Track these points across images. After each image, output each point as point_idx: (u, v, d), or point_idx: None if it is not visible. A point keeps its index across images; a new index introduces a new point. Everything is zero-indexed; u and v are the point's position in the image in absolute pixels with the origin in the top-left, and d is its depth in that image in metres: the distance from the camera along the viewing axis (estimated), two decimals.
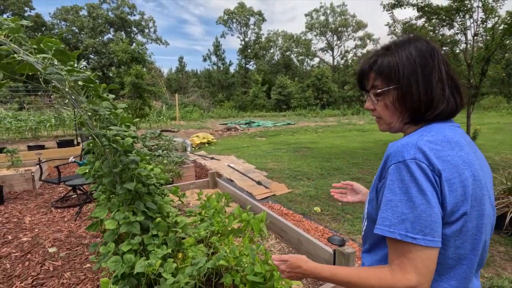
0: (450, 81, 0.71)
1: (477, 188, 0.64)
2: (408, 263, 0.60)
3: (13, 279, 2.47)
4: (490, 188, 0.72)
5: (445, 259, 0.65)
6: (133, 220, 1.59)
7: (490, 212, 0.69)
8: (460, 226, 0.63)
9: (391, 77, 0.71)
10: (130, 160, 1.58)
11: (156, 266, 1.44)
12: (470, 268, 0.68)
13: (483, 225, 0.66)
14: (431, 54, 0.70)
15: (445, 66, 0.71)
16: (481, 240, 0.67)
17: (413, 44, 0.71)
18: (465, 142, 0.68)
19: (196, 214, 2.42)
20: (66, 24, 35.34)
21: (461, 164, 0.63)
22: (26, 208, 4.13)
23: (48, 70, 1.30)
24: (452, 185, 0.61)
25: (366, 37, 40.88)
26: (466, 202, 0.62)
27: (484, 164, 0.73)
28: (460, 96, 0.72)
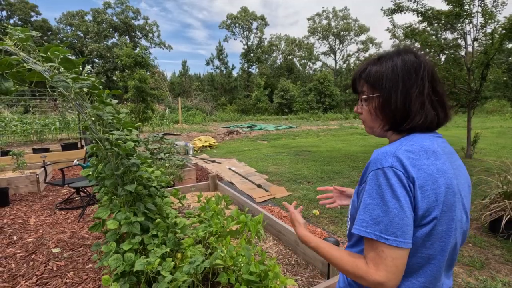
0: (434, 96, 0.75)
1: (449, 195, 0.68)
2: (380, 261, 0.66)
3: (18, 278, 2.55)
4: (465, 195, 0.75)
5: (415, 258, 0.70)
6: (133, 220, 1.66)
7: (462, 217, 0.73)
8: (430, 229, 0.67)
9: (376, 85, 0.77)
10: (131, 163, 1.66)
11: (155, 265, 1.51)
12: (438, 267, 0.72)
13: (452, 229, 0.70)
14: (416, 68, 0.74)
15: (431, 82, 0.74)
16: (450, 243, 0.71)
17: (401, 56, 0.76)
18: (443, 152, 0.72)
19: (196, 216, 2.49)
20: (72, 28, 35.86)
21: (435, 173, 0.67)
22: (31, 209, 4.23)
23: (55, 78, 1.39)
24: (425, 192, 0.66)
25: (368, 41, 41.01)
26: (437, 207, 0.67)
27: (461, 173, 0.77)
28: (444, 111, 0.76)
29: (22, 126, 11.85)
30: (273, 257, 2.07)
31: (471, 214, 3.58)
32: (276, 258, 2.54)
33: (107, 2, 37.47)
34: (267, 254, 2.61)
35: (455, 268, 2.53)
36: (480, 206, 3.33)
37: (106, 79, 35.34)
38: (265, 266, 1.80)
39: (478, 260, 2.64)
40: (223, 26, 39.95)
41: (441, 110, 0.75)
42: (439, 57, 8.88)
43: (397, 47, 0.81)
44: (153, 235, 1.77)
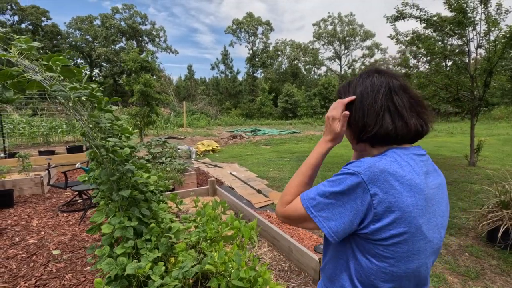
0: (394, 108, 0.76)
1: (417, 216, 0.68)
2: (294, 211, 0.77)
3: (18, 279, 2.61)
4: (440, 215, 0.75)
5: (380, 273, 0.71)
6: (127, 225, 1.71)
7: (432, 237, 0.73)
8: (392, 244, 0.68)
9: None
10: (126, 169, 1.71)
11: (146, 269, 1.55)
12: (402, 283, 0.73)
13: (420, 249, 0.70)
14: (374, 85, 0.79)
15: (390, 95, 0.77)
16: (417, 263, 0.72)
17: (370, 78, 0.81)
18: (416, 171, 0.72)
19: (191, 221, 2.53)
20: (81, 33, 36.57)
21: (404, 191, 0.67)
22: (35, 211, 4.32)
23: (54, 88, 1.46)
24: (385, 207, 0.66)
25: (374, 46, 40.99)
26: (399, 225, 0.67)
27: (438, 192, 0.76)
28: (403, 122, 0.75)
29: (30, 128, 12.10)
30: (266, 263, 2.09)
31: (469, 223, 3.56)
32: (270, 264, 2.57)
33: (115, 7, 38.21)
34: (261, 260, 2.64)
35: (449, 278, 2.52)
36: (478, 215, 3.31)
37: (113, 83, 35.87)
38: (255, 272, 1.83)
39: (474, 270, 2.62)
40: (228, 31, 40.34)
41: (399, 120, 0.75)
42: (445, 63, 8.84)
43: (368, 69, 0.86)
44: (147, 239, 1.81)
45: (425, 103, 0.81)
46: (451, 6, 6.61)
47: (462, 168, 6.82)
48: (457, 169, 6.78)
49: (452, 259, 2.83)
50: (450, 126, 19.86)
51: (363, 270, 0.73)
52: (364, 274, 0.73)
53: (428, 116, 0.79)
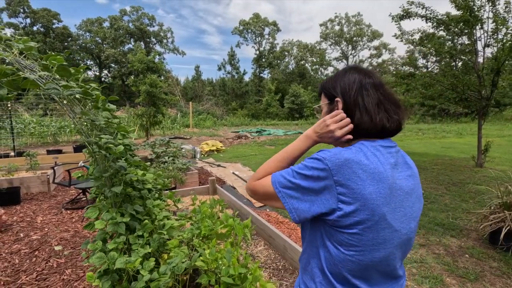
0: (362, 104, 0.80)
1: (380, 204, 0.69)
2: (262, 187, 0.82)
3: (20, 273, 2.68)
4: (409, 206, 0.76)
5: (347, 262, 0.73)
6: (119, 221, 1.74)
7: (399, 227, 0.74)
8: (356, 233, 0.70)
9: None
10: (118, 166, 1.74)
11: (136, 264, 1.58)
12: (368, 271, 0.75)
13: (386, 238, 0.72)
14: (352, 84, 0.83)
15: (363, 95, 0.81)
16: (383, 252, 0.73)
17: (347, 74, 0.86)
18: (381, 161, 0.74)
19: (186, 218, 2.55)
20: (90, 35, 37.24)
21: (367, 179, 0.69)
22: (40, 208, 4.42)
23: (47, 86, 1.50)
24: (347, 194, 0.69)
25: (381, 46, 40.54)
26: (362, 213, 0.69)
27: (407, 183, 0.77)
28: (371, 119, 0.79)
29: (40, 128, 12.39)
30: (258, 261, 2.10)
31: (471, 224, 3.49)
32: (265, 263, 2.57)
33: (123, 9, 38.78)
34: (256, 258, 2.65)
35: (447, 279, 2.48)
36: (480, 216, 3.25)
37: (121, 83, 36.40)
38: (246, 269, 1.84)
39: (473, 272, 2.58)
40: (235, 32, 40.49)
41: (366, 115, 0.79)
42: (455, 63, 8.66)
43: (344, 67, 0.92)
44: (139, 235, 1.84)
45: (397, 101, 0.84)
46: (457, 4, 6.50)
47: (468, 169, 6.69)
48: (463, 170, 6.66)
49: (452, 260, 2.78)
50: (460, 127, 19.49)
51: (332, 258, 0.75)
52: (333, 262, 0.75)
53: (397, 114, 0.81)
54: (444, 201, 4.49)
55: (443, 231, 3.40)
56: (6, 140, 9.15)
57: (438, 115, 25.53)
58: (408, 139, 14.05)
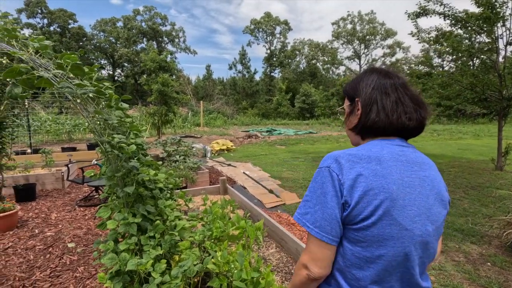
0: (381, 104, 0.82)
1: (387, 201, 0.70)
2: (306, 247, 0.79)
3: (34, 269, 2.72)
4: (424, 206, 0.75)
5: (353, 258, 0.74)
6: (131, 221, 1.73)
7: (411, 227, 0.72)
8: (363, 229, 0.71)
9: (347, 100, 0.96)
10: (130, 166, 1.72)
11: (147, 265, 1.55)
12: (381, 274, 0.73)
13: (392, 235, 0.70)
14: (370, 84, 0.86)
15: (382, 95, 0.82)
16: (392, 250, 0.71)
17: (366, 76, 0.89)
18: (393, 159, 0.75)
19: (198, 219, 2.53)
20: (104, 35, 37.97)
21: (372, 177, 0.71)
22: (54, 205, 4.50)
23: (61, 84, 1.49)
24: (355, 193, 0.71)
25: (395, 45, 39.70)
26: (368, 209, 0.70)
27: (421, 183, 0.76)
28: (388, 118, 0.80)
29: (55, 126, 12.69)
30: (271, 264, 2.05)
31: (492, 231, 3.33)
32: (276, 266, 2.52)
33: (137, 9, 39.34)
34: (268, 261, 2.59)
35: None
36: (503, 223, 3.10)
37: (134, 82, 36.97)
38: (258, 274, 1.80)
39: (496, 282, 2.45)
40: (246, 31, 40.47)
41: (383, 113, 0.81)
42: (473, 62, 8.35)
43: (365, 69, 0.95)
44: (150, 236, 1.82)
45: (420, 100, 0.85)
46: (478, 1, 6.25)
47: (487, 173, 6.44)
48: (482, 173, 6.41)
49: (473, 268, 2.66)
50: (477, 128, 18.88)
51: (340, 256, 0.77)
52: (342, 260, 0.76)
53: (419, 113, 0.82)
54: (463, 205, 4.32)
55: (462, 237, 3.26)
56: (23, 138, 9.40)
57: (454, 115, 24.80)
58: (423, 140, 13.70)
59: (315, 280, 0.77)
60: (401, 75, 0.89)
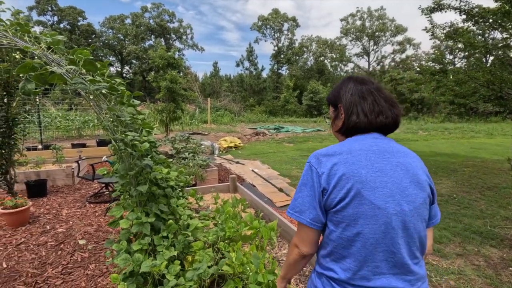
0: (360, 108, 0.95)
1: (357, 183, 0.81)
2: (296, 230, 0.95)
3: (46, 266, 2.72)
4: (398, 188, 0.83)
5: (338, 239, 0.84)
6: (144, 221, 1.68)
7: (384, 206, 0.80)
8: (340, 210, 0.82)
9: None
10: (144, 164, 1.68)
11: (161, 267, 1.51)
12: (362, 254, 0.81)
13: (365, 213, 0.80)
14: (348, 91, 0.99)
15: (360, 100, 0.95)
16: (367, 228, 0.80)
17: (344, 84, 1.02)
18: (364, 149, 0.87)
19: (210, 218, 2.48)
20: (113, 32, 38.23)
21: (343, 165, 0.83)
22: (65, 201, 4.53)
23: (74, 80, 1.44)
24: (331, 180, 0.83)
25: (405, 41, 38.97)
26: (342, 192, 0.81)
27: (395, 168, 0.85)
28: (367, 118, 0.93)
29: (65, 122, 12.83)
30: None
31: None
32: None
33: (145, 6, 39.48)
34: (281, 262, 2.54)
35: None
36: None
37: (142, 79, 37.21)
38: (274, 276, 1.74)
39: None
40: (254, 28, 40.24)
41: (362, 115, 0.93)
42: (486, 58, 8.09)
43: (342, 78, 1.10)
44: (164, 236, 1.78)
45: (393, 100, 0.97)
46: None
47: (503, 173, 6.25)
48: (498, 173, 6.23)
49: (494, 273, 2.55)
50: (490, 127, 18.43)
51: (328, 239, 0.87)
52: (330, 243, 0.87)
53: (393, 112, 0.94)
54: (479, 206, 4.19)
55: (481, 240, 3.14)
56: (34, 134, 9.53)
57: (466, 114, 24.27)
58: (434, 138, 13.43)
59: (304, 257, 0.93)
60: (375, 81, 1.02)
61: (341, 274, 0.83)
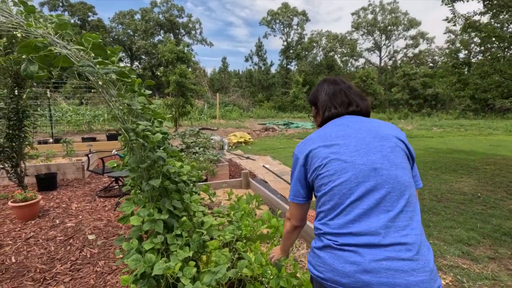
0: (331, 103, 1.16)
1: (324, 150, 0.98)
2: (289, 210, 1.17)
3: (55, 262, 2.63)
4: (362, 143, 0.96)
5: (323, 199, 0.97)
6: (157, 218, 1.55)
7: (351, 160, 0.93)
8: (319, 175, 0.98)
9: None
10: (157, 156, 1.54)
11: (175, 269, 1.37)
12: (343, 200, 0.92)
13: (336, 169, 0.94)
14: (321, 91, 1.22)
15: (331, 97, 1.16)
16: (342, 177, 0.92)
17: (319, 85, 1.25)
18: (330, 125, 1.08)
19: (224, 215, 2.34)
20: (123, 27, 38.39)
21: (315, 143, 1.02)
22: (75, 195, 4.47)
23: (81, 63, 1.30)
24: (309, 158, 1.01)
25: (419, 36, 37.92)
26: (317, 162, 0.98)
27: (361, 131, 1.00)
28: (336, 109, 1.13)
29: (76, 116, 12.90)
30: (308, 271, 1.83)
31: None
32: None
33: (154, 1, 39.42)
34: (300, 263, 2.38)
35: None
36: None
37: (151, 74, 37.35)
38: (297, 280, 1.58)
39: None
40: (263, 23, 39.77)
41: (333, 109, 1.13)
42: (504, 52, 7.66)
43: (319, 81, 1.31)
44: (177, 235, 1.64)
45: (362, 95, 1.17)
46: None
47: None
48: None
49: None
50: (508, 124, 17.74)
51: (319, 208, 1.00)
52: (320, 209, 0.99)
53: (364, 103, 1.15)
54: (507, 206, 3.94)
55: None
56: (45, 127, 9.57)
57: (481, 110, 23.46)
58: (449, 135, 13.00)
59: (295, 228, 1.17)
60: (346, 80, 1.20)
61: (327, 228, 0.93)
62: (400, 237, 0.84)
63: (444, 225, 3.36)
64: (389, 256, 0.82)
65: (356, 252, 0.84)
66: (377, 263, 0.81)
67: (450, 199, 4.28)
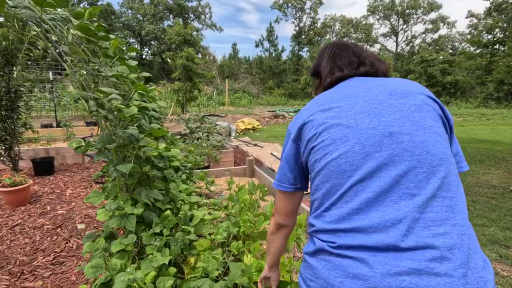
0: (336, 65, 0.88)
1: (320, 116, 0.72)
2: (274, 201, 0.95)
3: (38, 253, 2.40)
4: (367, 104, 0.69)
5: (318, 178, 0.70)
6: (129, 212, 1.22)
7: (354, 124, 0.67)
8: (314, 147, 0.71)
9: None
10: (127, 135, 1.19)
11: (146, 280, 1.05)
12: (338, 186, 0.65)
13: (334, 138, 0.67)
14: (325, 53, 0.94)
15: (335, 59, 0.89)
16: (341, 148, 0.65)
17: (323, 49, 0.98)
18: (334, 89, 0.80)
19: (221, 208, 2.01)
20: (132, 12, 37.93)
21: (311, 112, 0.76)
22: (71, 180, 4.25)
23: (15, 2, 0.95)
24: (302, 129, 0.76)
25: (439, 20, 35.95)
26: (311, 131, 0.72)
27: (362, 90, 0.73)
28: (341, 71, 0.86)
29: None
30: None
31: None
32: None
33: None
34: None
35: None
36: None
37: (161, 60, 37.08)
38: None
39: None
40: (274, 7, 38.51)
41: (338, 71, 0.85)
42: None
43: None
44: (156, 233, 1.32)
45: (379, 58, 0.90)
46: None
47: None
48: None
49: None
50: None
51: (314, 189, 0.73)
52: (316, 193, 0.72)
53: (382, 64, 0.88)
54: None
55: None
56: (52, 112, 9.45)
57: (504, 99, 22.13)
58: (471, 124, 12.26)
59: (280, 228, 0.90)
60: (348, 41, 0.94)
61: (321, 223, 0.70)
62: (432, 236, 0.53)
63: (475, 222, 2.96)
64: (415, 268, 0.51)
65: (361, 260, 0.56)
66: (395, 279, 0.51)
67: (478, 193, 3.84)
